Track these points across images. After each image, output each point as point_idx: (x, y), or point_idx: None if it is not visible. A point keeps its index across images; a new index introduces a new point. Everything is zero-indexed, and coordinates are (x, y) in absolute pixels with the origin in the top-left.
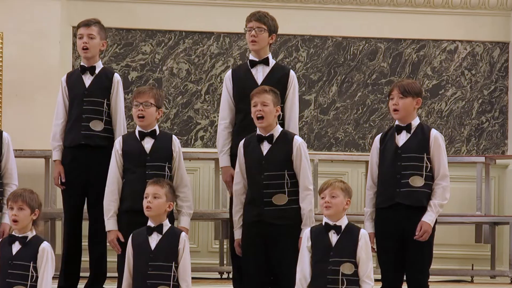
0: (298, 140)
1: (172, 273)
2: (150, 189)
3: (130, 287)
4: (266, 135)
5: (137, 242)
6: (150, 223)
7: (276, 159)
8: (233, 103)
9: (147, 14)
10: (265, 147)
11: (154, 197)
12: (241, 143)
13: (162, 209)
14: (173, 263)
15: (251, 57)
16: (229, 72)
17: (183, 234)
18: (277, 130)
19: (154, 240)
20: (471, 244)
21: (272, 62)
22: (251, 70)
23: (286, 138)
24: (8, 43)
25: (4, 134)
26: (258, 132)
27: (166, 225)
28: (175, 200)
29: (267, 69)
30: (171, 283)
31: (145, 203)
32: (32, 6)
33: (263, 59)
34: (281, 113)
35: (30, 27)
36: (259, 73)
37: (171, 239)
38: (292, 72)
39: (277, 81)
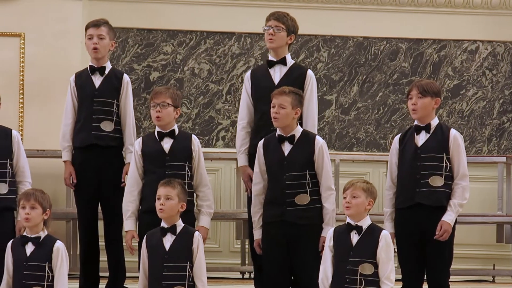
0: (319, 141)
1: (187, 273)
2: (161, 191)
3: None
4: (287, 135)
5: (151, 243)
6: (163, 224)
7: (298, 160)
8: (251, 103)
9: (168, 14)
10: (287, 147)
11: (166, 199)
12: (260, 143)
13: (174, 210)
14: (188, 263)
15: (270, 57)
16: (248, 73)
17: (196, 233)
18: (298, 131)
19: (168, 241)
20: (492, 244)
21: (290, 62)
22: (269, 70)
23: (308, 139)
24: (29, 44)
25: (14, 132)
26: (278, 132)
27: (180, 225)
28: (189, 199)
29: (284, 69)
30: (187, 283)
31: (157, 205)
32: (53, 6)
33: (280, 59)
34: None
35: (51, 28)
36: (277, 73)
37: (185, 239)
38: (309, 72)
39: (294, 81)
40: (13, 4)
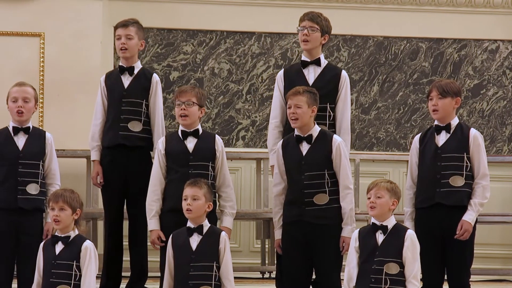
0: (337, 140)
1: (214, 273)
2: (188, 191)
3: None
4: (305, 135)
5: (178, 243)
6: (190, 224)
7: (316, 159)
8: (284, 102)
9: (188, 14)
10: (304, 147)
11: (193, 199)
12: (279, 143)
13: (202, 210)
14: (215, 262)
15: (303, 57)
16: (281, 72)
17: (223, 233)
18: (316, 130)
19: (195, 241)
20: None
21: (324, 62)
22: (303, 70)
23: (325, 138)
24: (49, 44)
25: (47, 134)
26: (296, 132)
27: (206, 225)
28: (214, 199)
29: (318, 70)
30: (213, 282)
31: (184, 205)
32: (73, 6)
33: (315, 60)
34: (331, 113)
35: (72, 28)
36: (311, 74)
37: (212, 239)
38: (344, 73)
39: (328, 81)
40: (33, 4)
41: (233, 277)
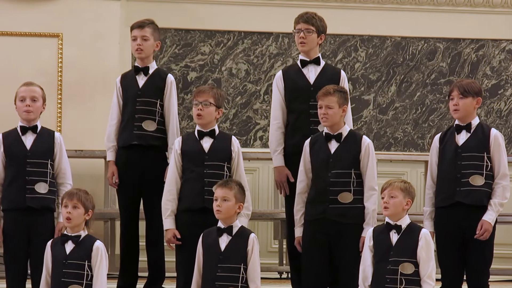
0: (366, 140)
1: (241, 275)
2: (219, 192)
3: (199, 286)
4: (334, 134)
5: (207, 242)
6: (220, 224)
7: (344, 158)
8: (284, 103)
9: (206, 14)
10: (333, 145)
11: (223, 200)
12: (307, 141)
13: (231, 211)
14: (242, 264)
15: (301, 57)
16: (279, 73)
17: (252, 235)
18: (345, 129)
19: (224, 241)
20: None
21: (322, 61)
22: (302, 69)
23: (355, 138)
24: (67, 44)
25: (56, 134)
26: (326, 130)
27: (236, 226)
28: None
29: (318, 68)
30: (240, 284)
31: (214, 206)
32: (91, 7)
33: (314, 59)
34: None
35: (89, 28)
36: (311, 73)
37: (241, 240)
38: (343, 72)
39: (328, 80)
40: (51, 4)
41: (259, 280)
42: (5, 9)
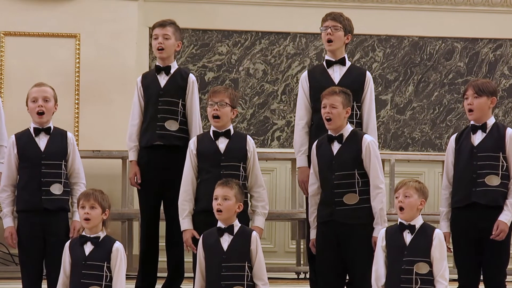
0: (367, 139)
1: (246, 273)
2: (219, 191)
3: None
4: (336, 135)
5: (208, 243)
6: (220, 224)
7: (345, 159)
8: (309, 103)
9: (223, 14)
10: (335, 147)
11: (224, 199)
12: (314, 144)
13: (232, 210)
14: (246, 262)
15: (327, 57)
16: (305, 73)
17: (254, 233)
18: (347, 130)
19: (225, 241)
20: None
21: (348, 62)
22: (328, 70)
23: (356, 138)
24: (85, 45)
25: (69, 134)
26: (329, 132)
27: (237, 225)
28: (244, 199)
29: (343, 69)
30: (245, 282)
31: (215, 205)
32: (109, 7)
33: (339, 59)
34: (358, 112)
35: (107, 29)
36: (336, 73)
37: (243, 239)
38: (368, 73)
39: (354, 81)
40: (69, 5)
41: (266, 277)
42: (23, 9)
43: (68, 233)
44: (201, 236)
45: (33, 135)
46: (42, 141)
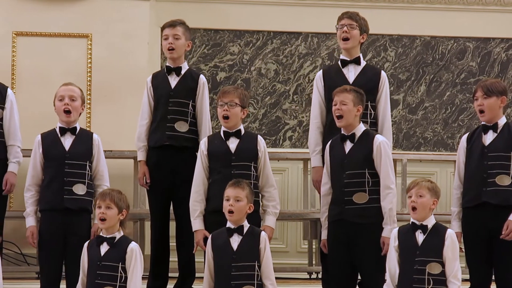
0: (378, 139)
1: (256, 272)
2: (231, 192)
3: None
4: (348, 134)
5: (218, 243)
6: (229, 225)
7: (357, 158)
8: (324, 103)
9: (235, 14)
10: (348, 146)
11: (236, 200)
12: (328, 144)
13: (243, 211)
14: (256, 262)
15: (342, 56)
16: (320, 72)
17: (262, 233)
18: (360, 129)
19: (235, 241)
20: None
21: (363, 61)
22: (343, 69)
23: (368, 137)
24: (96, 45)
25: (95, 136)
26: (342, 131)
27: (246, 225)
28: (255, 199)
29: (358, 68)
30: (255, 282)
31: (226, 205)
32: (121, 7)
33: (354, 59)
34: (372, 112)
35: (119, 29)
36: (351, 72)
37: (252, 239)
38: (383, 73)
39: (368, 80)
40: (81, 5)
41: (274, 276)
42: (34, 10)
43: (89, 234)
44: (210, 237)
45: (59, 135)
46: (67, 141)
